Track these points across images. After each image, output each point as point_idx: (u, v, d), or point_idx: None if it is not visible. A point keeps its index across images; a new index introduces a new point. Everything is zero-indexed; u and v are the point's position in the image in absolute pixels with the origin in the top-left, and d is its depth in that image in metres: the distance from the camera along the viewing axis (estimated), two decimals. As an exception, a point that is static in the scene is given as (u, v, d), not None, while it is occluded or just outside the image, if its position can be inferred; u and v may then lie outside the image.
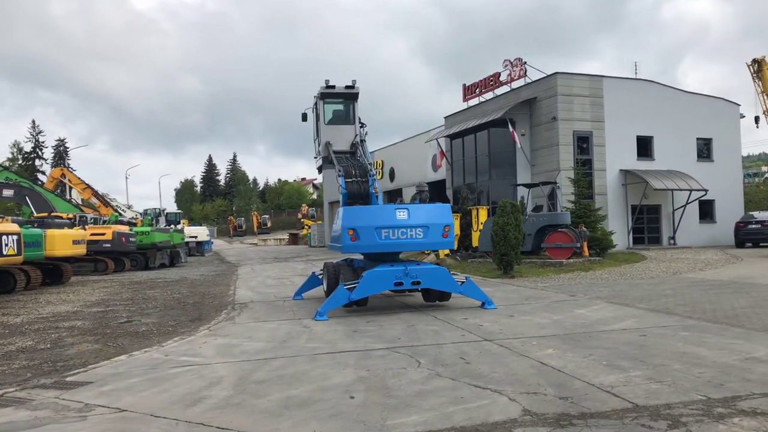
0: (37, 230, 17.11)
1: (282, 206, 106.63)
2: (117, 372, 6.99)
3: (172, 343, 8.85)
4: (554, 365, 6.79)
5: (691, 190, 28.45)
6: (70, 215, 25.14)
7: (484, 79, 32.39)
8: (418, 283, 11.27)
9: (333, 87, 13.12)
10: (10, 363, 7.76)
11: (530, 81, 29.56)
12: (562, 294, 13.57)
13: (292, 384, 6.26)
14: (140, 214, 48.37)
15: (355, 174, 12.41)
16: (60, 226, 19.65)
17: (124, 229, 26.88)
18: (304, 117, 14.02)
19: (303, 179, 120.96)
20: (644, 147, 29.70)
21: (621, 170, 28.83)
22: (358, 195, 12.26)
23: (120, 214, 36.27)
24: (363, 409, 5.32)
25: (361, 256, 13.29)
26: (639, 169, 28.66)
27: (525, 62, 29.66)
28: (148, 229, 29.04)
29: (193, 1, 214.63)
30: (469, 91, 33.72)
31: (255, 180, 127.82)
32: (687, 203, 29.05)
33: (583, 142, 28.31)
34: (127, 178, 67.71)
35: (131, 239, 26.46)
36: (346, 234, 10.89)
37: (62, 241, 18.75)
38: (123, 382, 6.49)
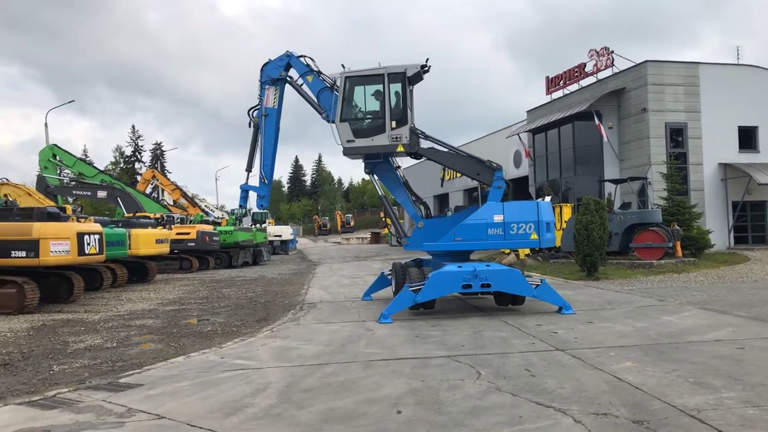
0: (121, 230, 17.76)
1: (365, 205, 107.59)
2: (169, 374, 6.88)
3: (231, 344, 8.73)
4: (631, 381, 6.05)
5: (803, 185, 25.89)
6: (158, 215, 26.09)
7: (569, 70, 30.90)
8: (488, 285, 10.63)
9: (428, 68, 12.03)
10: (73, 362, 7.87)
11: (618, 71, 27.91)
12: (650, 298, 12.50)
13: (338, 394, 5.89)
14: (228, 213, 50.01)
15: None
16: (144, 225, 20.36)
17: (208, 228, 27.66)
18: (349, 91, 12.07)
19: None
20: (747, 138, 27.31)
21: (720, 164, 26.65)
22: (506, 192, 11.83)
23: (206, 214, 37.53)
24: (408, 427, 4.86)
25: (430, 256, 12.81)
26: (741, 163, 26.37)
27: (612, 51, 28.01)
28: (231, 228, 29.72)
29: (278, 5, 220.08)
30: (552, 84, 32.33)
31: (340, 180, 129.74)
32: (798, 199, 26.49)
33: (677, 135, 26.40)
34: (216, 179, 70.41)
35: (215, 238, 27.19)
36: (544, 227, 10.98)
37: (146, 240, 19.40)
38: (171, 386, 6.35)
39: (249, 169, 13.12)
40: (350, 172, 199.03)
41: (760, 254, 23.22)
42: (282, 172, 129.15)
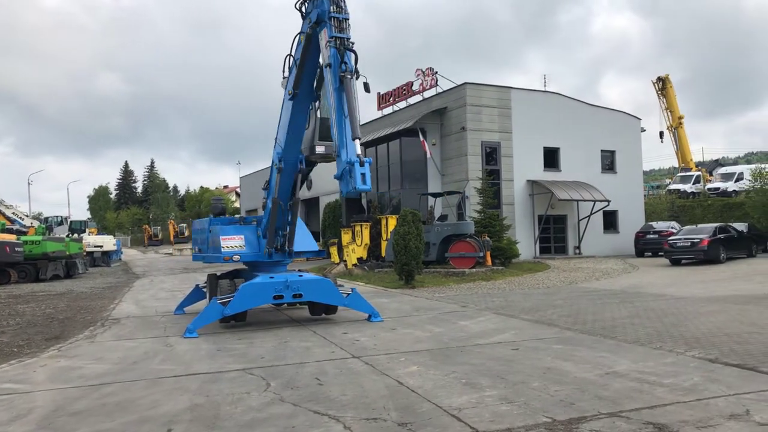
0: None
1: (201, 215, 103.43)
2: None
3: (5, 366, 7.89)
4: (411, 385, 6.38)
5: (594, 201, 29.25)
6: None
7: (398, 88, 32.31)
8: (300, 296, 10.68)
9: None
10: None
11: (441, 91, 29.69)
12: (454, 305, 13.34)
13: (111, 414, 5.55)
14: (40, 222, 45.46)
15: None
16: (-77, 235, 17.82)
17: (11, 238, 24.95)
18: None
19: (225, 187, 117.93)
20: (551, 158, 30.35)
21: (528, 181, 29.33)
22: None
23: (12, 222, 33.84)
24: (173, 445, 4.71)
25: (245, 266, 12.60)
26: (545, 180, 29.23)
27: (436, 72, 29.77)
28: (39, 238, 27.01)
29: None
30: (383, 100, 33.55)
31: (176, 187, 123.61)
32: (591, 214, 29.86)
33: (493, 153, 28.63)
34: (29, 183, 63.68)
35: (17, 249, 24.54)
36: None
37: (-76, 252, 16.99)
38: None
39: None
40: (188, 179, 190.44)
41: (559, 263, 25.83)
42: (109, 178, 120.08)
